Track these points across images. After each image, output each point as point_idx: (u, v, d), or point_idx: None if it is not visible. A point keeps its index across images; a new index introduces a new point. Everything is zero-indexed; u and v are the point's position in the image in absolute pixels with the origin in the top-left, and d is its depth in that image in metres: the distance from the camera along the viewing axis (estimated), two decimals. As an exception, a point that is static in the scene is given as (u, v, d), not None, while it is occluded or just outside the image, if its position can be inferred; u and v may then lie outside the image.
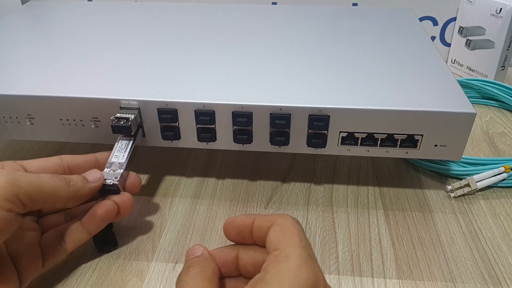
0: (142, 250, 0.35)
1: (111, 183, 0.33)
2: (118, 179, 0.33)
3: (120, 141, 0.36)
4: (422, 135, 0.35)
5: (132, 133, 0.35)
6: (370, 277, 0.33)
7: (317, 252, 0.35)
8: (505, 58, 0.60)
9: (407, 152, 0.36)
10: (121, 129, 0.35)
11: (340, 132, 0.36)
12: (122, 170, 0.34)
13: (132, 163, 0.45)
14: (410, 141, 0.36)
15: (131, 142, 0.36)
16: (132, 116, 0.35)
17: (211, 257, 0.27)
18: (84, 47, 0.45)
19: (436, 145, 0.36)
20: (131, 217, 0.39)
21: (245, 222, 0.27)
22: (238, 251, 0.28)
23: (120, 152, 0.35)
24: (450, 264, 0.34)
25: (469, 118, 0.34)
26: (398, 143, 0.36)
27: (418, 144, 0.36)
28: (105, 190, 0.33)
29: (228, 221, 0.28)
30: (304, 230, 0.29)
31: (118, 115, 0.35)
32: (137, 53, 0.43)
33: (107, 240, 0.35)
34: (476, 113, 0.34)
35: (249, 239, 0.27)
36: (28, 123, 0.38)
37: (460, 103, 0.35)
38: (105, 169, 0.34)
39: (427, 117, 0.34)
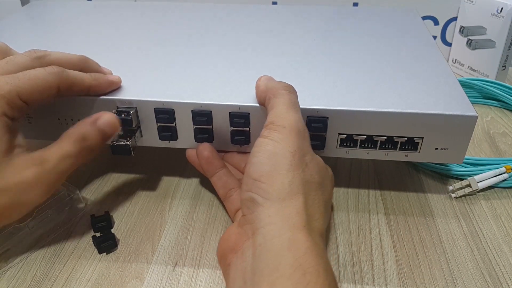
0: (142, 251, 0.35)
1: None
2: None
3: None
4: (422, 138, 0.35)
5: (133, 126, 0.35)
6: (371, 278, 0.33)
7: (317, 253, 0.35)
8: (506, 58, 0.60)
9: (407, 155, 0.36)
10: (123, 122, 0.34)
11: (339, 134, 0.35)
12: None
13: (132, 164, 0.45)
14: (410, 144, 0.35)
15: None
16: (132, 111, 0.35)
17: None
18: (82, 47, 0.44)
19: (436, 148, 0.35)
20: (130, 218, 0.38)
21: None
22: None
23: None
24: (451, 264, 0.34)
25: (471, 121, 0.33)
26: (398, 146, 0.35)
27: (419, 147, 0.35)
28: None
29: None
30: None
31: (119, 108, 0.35)
32: (134, 53, 0.43)
33: (106, 241, 0.35)
34: (477, 116, 0.33)
35: None
36: (26, 123, 0.38)
37: (461, 106, 0.34)
38: None
39: (427, 119, 0.33)
